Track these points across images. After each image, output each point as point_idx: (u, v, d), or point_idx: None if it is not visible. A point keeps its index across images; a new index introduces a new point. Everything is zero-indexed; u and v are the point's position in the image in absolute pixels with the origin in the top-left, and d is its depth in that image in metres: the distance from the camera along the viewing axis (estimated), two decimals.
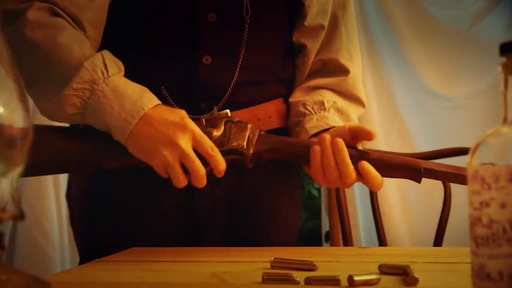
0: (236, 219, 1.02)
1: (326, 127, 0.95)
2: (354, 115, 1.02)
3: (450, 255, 0.84)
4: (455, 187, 1.52)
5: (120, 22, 0.95)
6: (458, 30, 2.43)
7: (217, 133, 0.88)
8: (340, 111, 1.01)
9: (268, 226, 1.04)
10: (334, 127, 0.94)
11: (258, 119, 0.99)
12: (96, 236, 1.02)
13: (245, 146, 0.87)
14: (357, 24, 1.12)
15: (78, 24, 0.90)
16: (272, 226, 1.04)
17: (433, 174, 0.85)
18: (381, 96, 2.43)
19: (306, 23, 1.02)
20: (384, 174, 0.84)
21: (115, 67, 0.87)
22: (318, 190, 3.36)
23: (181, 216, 1.00)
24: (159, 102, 0.86)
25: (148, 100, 0.85)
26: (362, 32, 2.39)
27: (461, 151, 1.55)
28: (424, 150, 1.72)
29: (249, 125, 0.89)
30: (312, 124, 0.96)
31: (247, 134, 0.88)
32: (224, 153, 0.85)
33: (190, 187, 0.93)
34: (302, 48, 1.05)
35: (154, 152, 0.82)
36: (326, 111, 0.99)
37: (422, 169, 0.83)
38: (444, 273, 0.70)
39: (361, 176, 0.83)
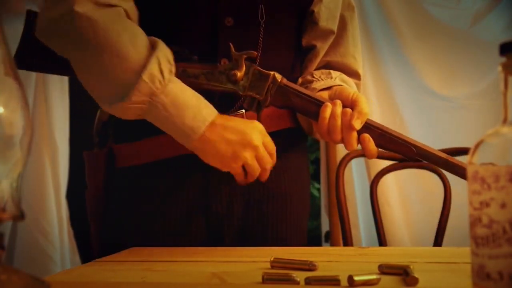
0: (251, 217, 1.04)
1: (332, 84, 0.99)
2: (356, 88, 1.07)
3: (450, 255, 0.84)
4: (455, 187, 1.53)
5: (140, 26, 0.95)
6: (458, 30, 2.43)
7: (240, 74, 0.90)
8: (344, 82, 1.05)
9: (282, 225, 1.06)
10: (340, 85, 0.98)
11: (270, 119, 1.01)
12: (113, 235, 1.03)
13: (263, 97, 0.91)
14: (358, 24, 1.13)
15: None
16: (287, 224, 1.06)
17: (424, 156, 0.91)
18: (381, 96, 2.43)
19: (318, 28, 1.06)
20: (381, 147, 0.92)
21: (168, 69, 0.87)
22: (318, 190, 3.36)
23: (198, 215, 1.01)
24: (216, 113, 0.88)
25: (207, 114, 0.87)
26: (362, 32, 2.37)
27: (461, 151, 1.55)
28: None
29: (271, 75, 0.92)
30: (320, 85, 1.00)
31: (267, 84, 0.91)
32: (242, 96, 0.92)
33: (206, 186, 0.99)
34: (312, 48, 1.09)
35: (235, 158, 0.88)
36: (333, 80, 1.03)
37: (414, 148, 0.91)
38: (444, 273, 0.70)
39: (360, 144, 0.91)
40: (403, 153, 0.92)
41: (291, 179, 1.08)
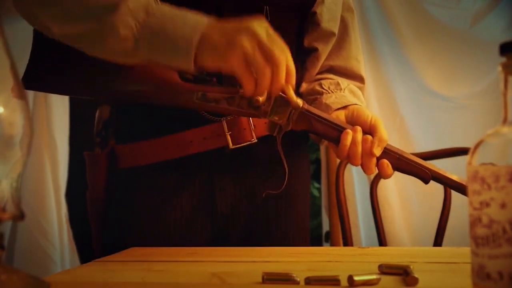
0: (256, 217, 1.04)
1: (347, 103, 0.99)
2: (363, 98, 1.08)
3: (450, 255, 0.84)
4: None
5: None
6: (458, 30, 2.42)
7: (262, 99, 0.87)
8: (353, 92, 1.05)
9: (286, 224, 1.06)
10: (356, 104, 0.98)
11: None
12: (114, 236, 1.03)
13: (285, 123, 0.90)
14: (357, 24, 1.14)
15: None
16: (290, 223, 1.07)
17: (440, 180, 0.92)
18: (381, 96, 2.43)
19: (319, 30, 1.06)
20: (397, 170, 0.93)
21: None
22: (318, 190, 3.36)
23: (203, 216, 1.01)
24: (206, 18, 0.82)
25: (202, 20, 0.81)
26: (362, 32, 2.38)
27: (461, 151, 1.55)
28: (424, 150, 1.72)
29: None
30: (333, 101, 1.00)
31: (289, 110, 0.90)
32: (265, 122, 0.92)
33: (211, 187, 0.98)
34: (313, 51, 1.09)
35: (231, 45, 0.77)
36: (342, 91, 1.03)
37: (431, 175, 0.92)
38: (444, 273, 0.70)
39: (378, 169, 0.92)
40: (419, 176, 0.92)
41: (294, 178, 1.08)
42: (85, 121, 1.39)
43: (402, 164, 0.92)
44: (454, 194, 1.50)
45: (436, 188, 1.61)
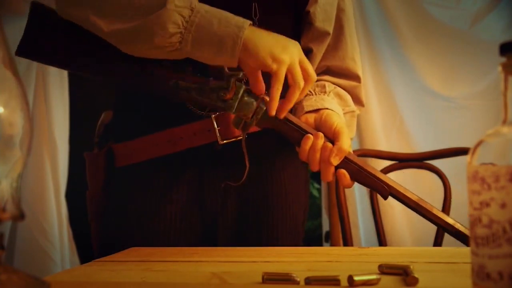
0: (246, 216, 1.04)
1: (320, 107, 0.98)
2: (351, 102, 1.08)
3: (450, 255, 0.84)
4: (455, 187, 1.53)
5: None
6: (458, 30, 2.42)
7: (229, 94, 0.90)
8: (339, 96, 1.05)
9: (277, 223, 1.06)
10: (327, 108, 0.98)
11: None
12: (113, 235, 1.04)
13: (249, 120, 0.91)
14: (357, 24, 1.14)
15: None
16: (282, 224, 1.06)
17: (398, 198, 0.92)
18: (381, 96, 2.43)
19: (313, 29, 1.06)
20: (356, 181, 0.92)
21: None
22: (318, 190, 3.36)
23: (193, 213, 1.01)
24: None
25: (244, 21, 0.86)
26: (362, 32, 2.39)
27: (461, 151, 1.55)
28: (424, 150, 1.72)
29: (259, 98, 0.91)
30: (309, 103, 1.00)
31: (254, 107, 0.91)
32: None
33: (201, 183, 0.99)
34: (309, 52, 1.08)
35: (274, 55, 0.85)
36: (326, 94, 1.03)
37: (388, 190, 0.91)
38: (444, 273, 0.70)
39: (337, 178, 0.91)
40: (377, 190, 0.92)
41: (288, 178, 1.08)
42: (85, 121, 1.39)
43: (362, 176, 0.91)
44: (454, 194, 1.51)
45: (436, 188, 1.62)
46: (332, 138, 0.91)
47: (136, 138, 1.01)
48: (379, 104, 2.41)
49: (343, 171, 0.90)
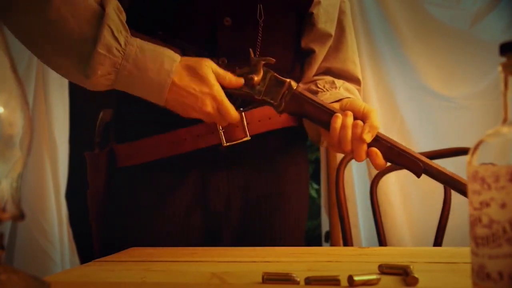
0: (249, 216, 1.04)
1: (341, 97, 0.99)
2: (359, 96, 1.08)
3: (450, 255, 0.84)
4: None
5: (139, 26, 0.94)
6: (458, 30, 2.43)
7: (257, 78, 0.91)
8: (348, 91, 1.05)
9: (280, 225, 1.06)
10: (349, 97, 0.98)
11: (269, 118, 1.02)
12: (114, 235, 1.04)
13: (277, 103, 0.92)
14: (357, 24, 1.14)
15: None
16: (284, 224, 1.07)
17: (432, 174, 0.90)
18: (381, 96, 2.43)
19: (316, 31, 1.06)
20: (388, 160, 0.91)
21: (123, 34, 0.87)
22: (316, 191, 3.36)
23: (197, 214, 1.01)
24: (178, 59, 0.88)
25: (170, 65, 0.87)
26: (362, 32, 2.38)
27: (461, 151, 1.55)
28: (424, 150, 1.72)
29: (287, 82, 0.92)
30: (327, 97, 1.00)
31: (282, 90, 0.92)
32: (258, 101, 0.93)
33: (204, 185, 0.99)
34: (310, 52, 1.09)
35: (195, 107, 0.89)
36: (338, 89, 1.04)
37: (423, 167, 0.90)
38: (444, 273, 0.70)
39: (369, 157, 0.90)
40: (410, 168, 0.91)
41: (290, 178, 1.08)
42: (85, 121, 1.39)
43: (393, 154, 0.90)
44: (454, 194, 1.51)
45: (436, 187, 1.61)
46: (361, 118, 0.91)
47: (140, 139, 1.01)
48: (379, 104, 2.41)
49: (375, 149, 0.90)
